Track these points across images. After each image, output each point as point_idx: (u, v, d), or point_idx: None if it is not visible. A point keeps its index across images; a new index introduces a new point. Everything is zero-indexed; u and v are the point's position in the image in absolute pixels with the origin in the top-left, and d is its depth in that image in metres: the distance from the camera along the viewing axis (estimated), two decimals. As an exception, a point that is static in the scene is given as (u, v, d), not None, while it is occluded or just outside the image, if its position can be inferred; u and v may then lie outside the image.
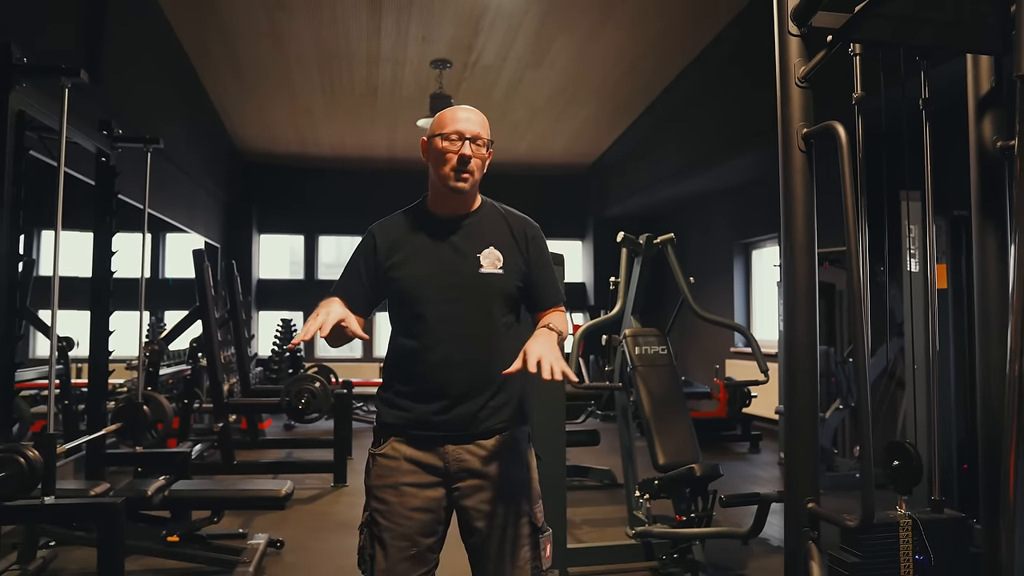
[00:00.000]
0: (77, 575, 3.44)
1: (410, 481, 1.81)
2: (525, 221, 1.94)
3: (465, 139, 1.80)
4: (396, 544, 1.79)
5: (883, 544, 2.00)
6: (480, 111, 1.89)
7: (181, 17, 6.59)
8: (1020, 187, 1.68)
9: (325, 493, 5.13)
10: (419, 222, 1.90)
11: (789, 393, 2.08)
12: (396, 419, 1.83)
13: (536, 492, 1.88)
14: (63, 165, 3.04)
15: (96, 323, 3.92)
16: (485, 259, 1.83)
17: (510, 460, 1.84)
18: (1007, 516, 1.72)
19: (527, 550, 1.82)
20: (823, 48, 2.04)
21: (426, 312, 1.81)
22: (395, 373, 1.87)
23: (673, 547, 3.50)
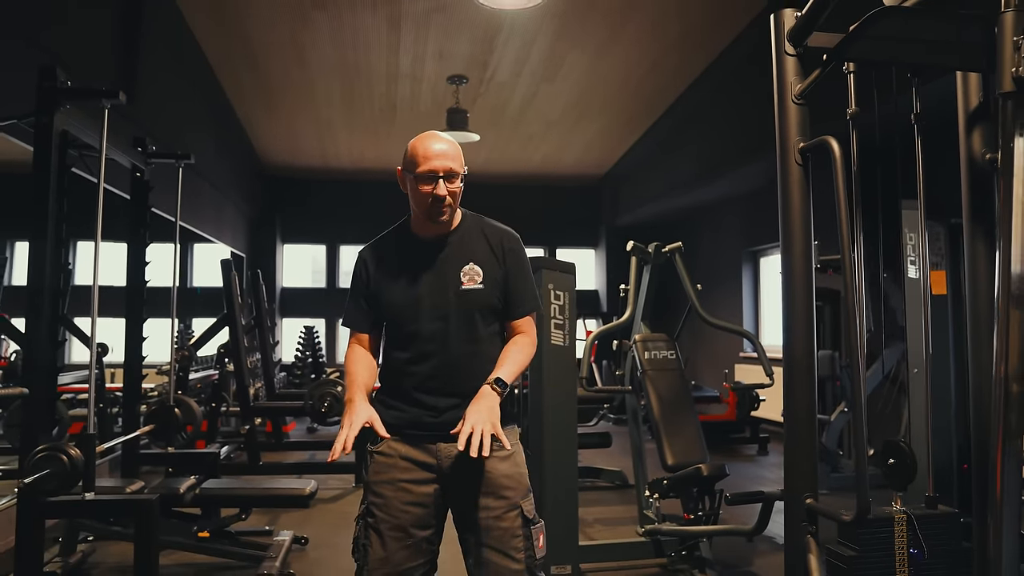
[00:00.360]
0: (114, 568, 3.54)
1: (405, 477, 1.88)
2: (503, 233, 2.01)
3: (439, 178, 1.85)
4: (392, 535, 1.86)
5: (879, 538, 2.05)
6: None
7: (210, 37, 6.74)
8: (1003, 197, 1.74)
9: (347, 493, 5.21)
10: (403, 244, 1.98)
11: (788, 394, 2.14)
12: (392, 419, 1.91)
13: (526, 486, 1.94)
14: (103, 181, 3.15)
15: (131, 330, 4.04)
16: (465, 275, 1.91)
17: (500, 457, 1.90)
18: (994, 512, 1.77)
19: (520, 540, 1.87)
20: (818, 67, 2.11)
21: (413, 329, 1.90)
22: (389, 382, 1.97)
23: (681, 544, 3.55)
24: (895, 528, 2.05)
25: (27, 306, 2.93)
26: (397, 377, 1.93)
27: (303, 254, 11.96)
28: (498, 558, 1.85)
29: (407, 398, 1.91)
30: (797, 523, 2.04)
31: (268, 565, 3.37)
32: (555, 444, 3.27)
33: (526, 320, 1.99)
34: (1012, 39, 1.69)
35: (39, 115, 2.95)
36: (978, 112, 2.14)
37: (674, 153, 8.87)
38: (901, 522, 2.05)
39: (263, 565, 3.37)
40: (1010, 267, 1.74)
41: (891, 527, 2.05)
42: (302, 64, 7.24)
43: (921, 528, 2.05)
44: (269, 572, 3.31)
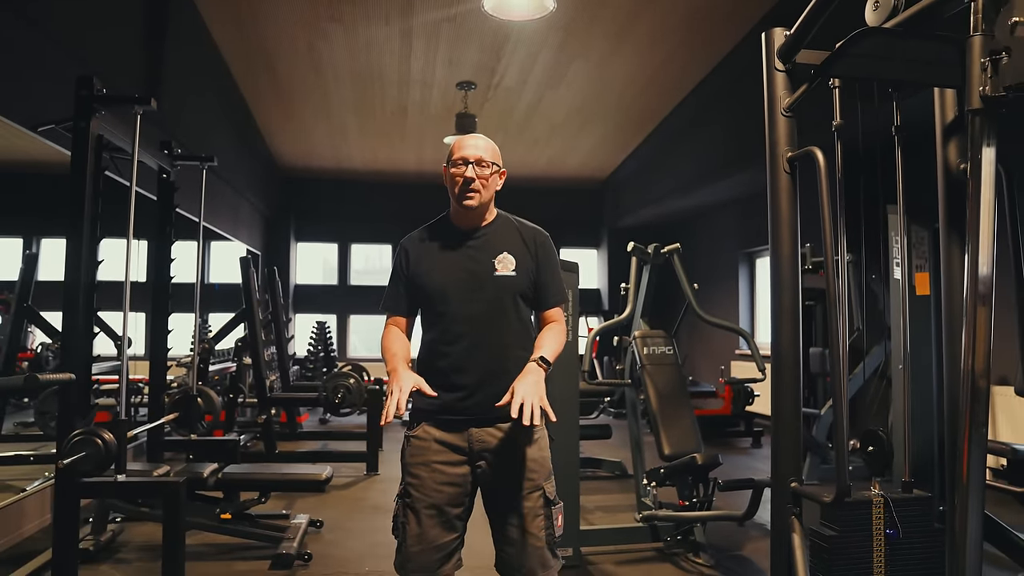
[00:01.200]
0: (141, 547, 3.66)
1: (439, 459, 1.99)
2: (535, 230, 2.13)
3: (469, 163, 2.01)
4: (427, 512, 1.97)
5: (858, 519, 2.15)
6: (490, 137, 2.12)
7: (230, 45, 6.85)
8: (972, 205, 1.84)
9: (359, 480, 5.33)
10: (442, 234, 2.10)
11: (776, 386, 2.24)
12: (427, 405, 2.02)
13: (549, 469, 2.04)
14: (135, 183, 3.27)
15: (156, 324, 4.16)
16: (499, 263, 2.02)
17: (526, 441, 2.01)
18: (962, 495, 1.87)
19: (542, 519, 1.98)
20: (806, 82, 2.21)
21: (449, 311, 2.00)
22: (424, 365, 2.06)
23: (677, 529, 3.66)
24: (873, 510, 2.15)
25: (64, 300, 3.05)
26: (431, 358, 2.03)
27: (315, 252, 12.09)
28: (523, 536, 1.96)
29: (441, 380, 1.99)
30: (783, 505, 2.15)
31: (287, 545, 3.48)
32: (558, 434, 3.37)
33: (556, 310, 2.10)
34: (979, 61, 1.79)
35: (77, 120, 3.07)
36: (953, 125, 2.23)
37: (673, 158, 8.96)
38: (878, 504, 2.15)
39: (282, 545, 3.49)
40: (978, 269, 1.84)
41: (869, 509, 2.15)
42: (317, 71, 7.36)
43: (897, 510, 2.15)
44: (288, 551, 3.42)
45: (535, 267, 2.07)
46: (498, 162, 2.07)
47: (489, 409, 1.96)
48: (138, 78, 5.24)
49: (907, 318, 2.43)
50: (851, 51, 2.07)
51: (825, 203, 2.04)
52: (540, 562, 1.98)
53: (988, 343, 1.84)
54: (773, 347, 2.26)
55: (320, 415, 8.48)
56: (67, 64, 4.05)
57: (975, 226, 1.85)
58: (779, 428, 2.22)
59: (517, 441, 2.01)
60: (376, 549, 3.70)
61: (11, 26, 3.59)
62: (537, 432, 2.04)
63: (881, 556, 2.15)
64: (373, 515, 4.37)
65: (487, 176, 2.03)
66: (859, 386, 5.46)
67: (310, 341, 9.46)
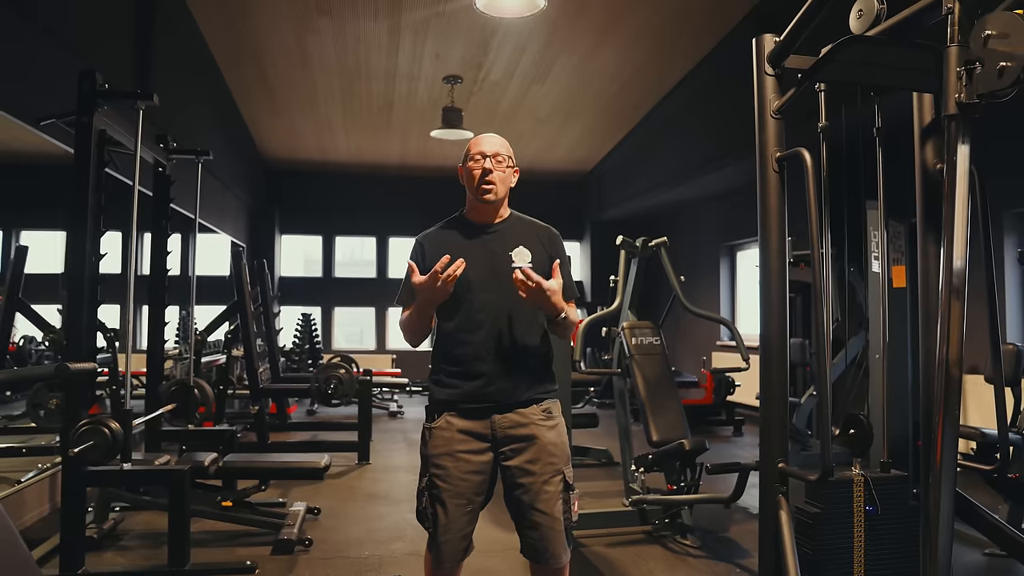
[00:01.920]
0: (142, 534, 3.73)
1: (464, 449, 2.06)
2: (548, 228, 2.25)
3: (486, 157, 2.11)
4: (455, 502, 2.05)
5: (840, 497, 2.29)
6: (475, 131, 2.21)
7: (218, 38, 6.87)
8: (948, 203, 1.98)
9: (351, 470, 5.42)
10: (459, 229, 2.19)
11: (764, 372, 2.37)
12: (448, 396, 2.10)
13: (568, 454, 2.14)
14: (137, 177, 3.33)
15: (153, 316, 4.22)
16: (516, 256, 2.11)
17: (548, 426, 2.10)
18: (935, 474, 2.01)
19: (561, 504, 2.07)
20: (794, 86, 2.34)
21: (467, 300, 2.08)
22: (443, 355, 2.14)
23: (665, 513, 3.80)
24: (853, 488, 2.29)
25: (68, 292, 3.10)
26: (452, 346, 2.10)
27: (296, 244, 12.11)
28: (545, 520, 2.05)
29: (460, 370, 2.08)
30: (771, 484, 2.28)
31: (287, 531, 3.57)
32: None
33: (570, 304, 2.17)
34: (955, 69, 1.91)
35: (80, 115, 3.12)
36: (931, 127, 2.37)
37: (656, 152, 9.11)
38: (859, 483, 2.30)
39: (283, 531, 3.58)
40: (952, 263, 1.98)
41: (850, 488, 2.29)
42: (305, 64, 7.39)
43: (876, 488, 2.29)
44: (289, 537, 3.51)
45: (550, 261, 2.15)
46: (512, 158, 2.17)
47: (510, 395, 2.06)
48: (128, 70, 5.26)
49: (885, 309, 2.57)
50: (836, 57, 2.19)
51: (812, 201, 2.16)
52: (562, 546, 2.08)
53: (961, 334, 1.98)
54: (762, 336, 2.39)
55: (308, 406, 8.54)
56: (62, 57, 4.08)
57: (950, 223, 1.98)
58: (767, 412, 2.35)
59: (539, 425, 2.08)
60: (374, 534, 3.80)
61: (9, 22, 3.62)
62: (556, 418, 2.14)
63: (861, 531, 2.29)
64: (368, 503, 4.47)
65: (503, 170, 2.13)
66: (838, 374, 5.64)
67: (295, 333, 9.49)
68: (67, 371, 2.76)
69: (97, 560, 3.28)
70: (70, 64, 4.07)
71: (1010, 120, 5.12)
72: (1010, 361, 3.52)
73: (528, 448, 2.07)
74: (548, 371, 2.19)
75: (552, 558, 2.07)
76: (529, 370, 2.10)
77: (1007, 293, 5.43)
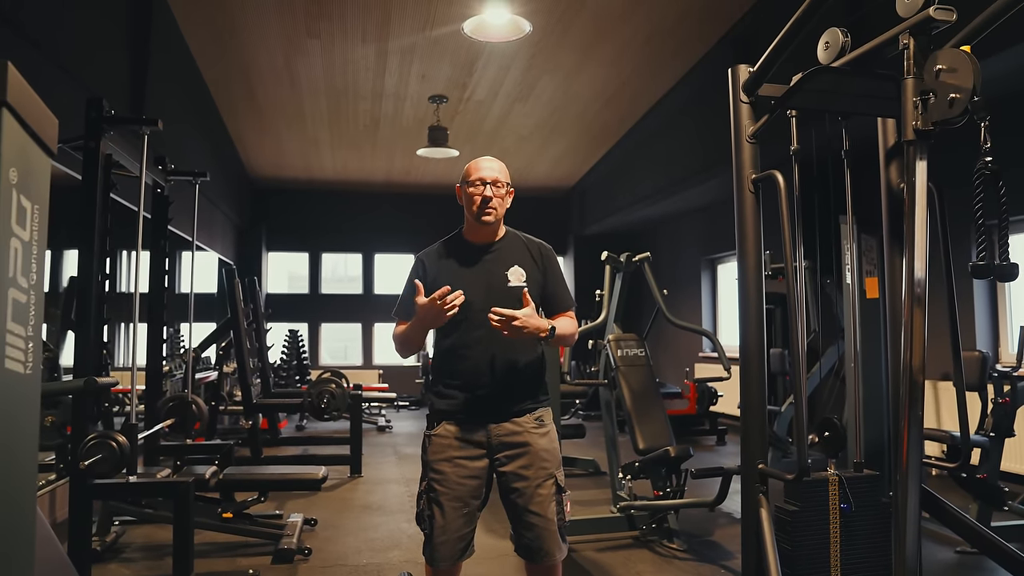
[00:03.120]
0: (143, 547, 3.81)
1: (461, 455, 2.20)
2: (540, 244, 2.39)
3: (486, 183, 2.24)
4: (452, 505, 2.18)
5: (816, 496, 2.44)
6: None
7: (208, 60, 7.00)
8: (908, 220, 2.15)
9: (344, 483, 5.51)
10: (458, 249, 2.33)
11: (744, 379, 2.53)
12: (447, 406, 2.24)
13: (559, 459, 2.28)
14: (143, 198, 3.45)
15: (152, 333, 4.32)
16: (512, 275, 2.25)
17: (540, 434, 2.24)
18: (902, 472, 2.18)
19: (554, 505, 2.21)
20: (767, 112, 2.52)
21: (466, 318, 2.21)
22: (442, 368, 2.28)
23: (652, 518, 3.94)
24: (829, 487, 2.45)
25: (78, 310, 3.22)
26: (451, 361, 2.24)
27: (281, 261, 12.19)
28: (539, 521, 2.18)
29: (459, 382, 2.21)
30: (751, 484, 2.44)
31: (287, 541, 3.67)
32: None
33: (569, 313, 2.32)
34: (912, 99, 2.10)
35: (87, 140, 3.24)
36: (894, 149, 2.56)
37: (636, 169, 9.32)
38: (834, 482, 2.45)
39: (282, 541, 3.68)
40: (914, 274, 2.15)
41: (826, 487, 2.45)
42: (293, 84, 7.53)
43: (850, 487, 2.45)
44: (288, 547, 3.61)
45: (543, 279, 2.30)
46: (509, 182, 2.32)
47: (504, 406, 2.21)
48: (124, 89, 5.37)
49: (858, 320, 2.74)
50: (805, 86, 2.38)
51: (785, 218, 2.34)
52: (556, 545, 2.21)
53: (924, 340, 2.15)
54: (741, 347, 2.55)
55: (297, 422, 8.61)
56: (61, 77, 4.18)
57: (911, 238, 2.16)
58: (747, 417, 2.52)
59: (531, 433, 2.22)
60: (371, 544, 3.91)
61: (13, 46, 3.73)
62: (547, 426, 2.28)
63: (836, 527, 2.45)
64: (363, 513, 4.57)
65: (502, 195, 2.27)
66: (816, 384, 5.84)
67: (283, 349, 9.57)
68: (95, 384, 2.87)
69: (102, 572, 3.36)
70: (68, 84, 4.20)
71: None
72: (976, 367, 3.71)
73: (522, 455, 2.20)
74: (541, 382, 2.33)
75: (547, 556, 2.20)
76: (522, 383, 2.24)
77: (975, 303, 5.65)
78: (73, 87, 4.25)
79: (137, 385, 4.68)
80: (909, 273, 2.16)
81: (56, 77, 4.16)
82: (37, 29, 3.96)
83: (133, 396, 3.30)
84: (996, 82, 4.85)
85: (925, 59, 2.11)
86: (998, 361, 5.50)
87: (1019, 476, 4.77)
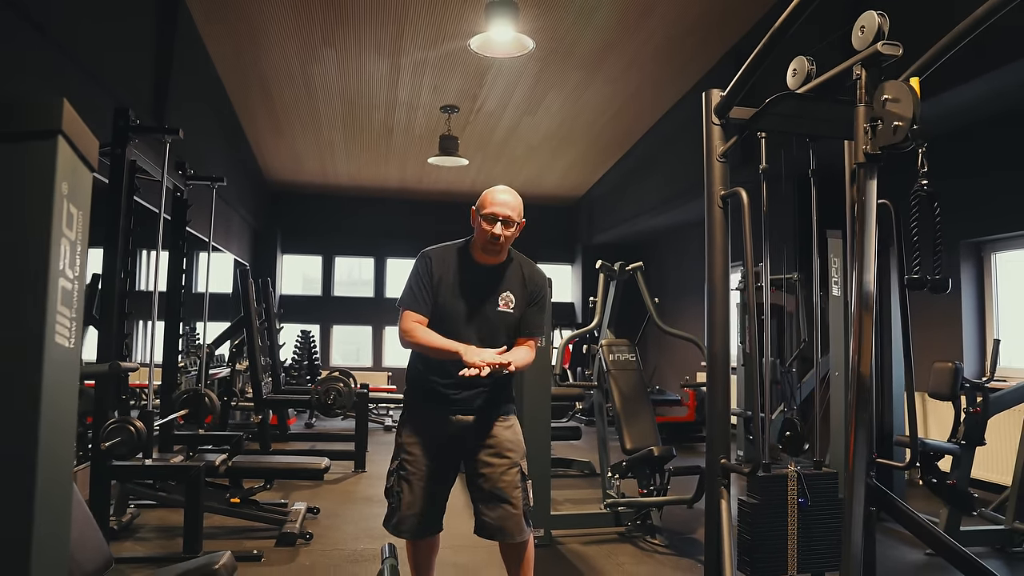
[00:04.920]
0: (156, 528, 4.06)
1: (432, 440, 2.46)
2: (537, 275, 2.57)
3: (498, 220, 2.40)
4: (419, 484, 2.43)
5: (776, 490, 2.63)
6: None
7: (229, 67, 7.30)
8: (859, 236, 2.35)
9: (348, 476, 5.74)
10: (462, 261, 2.50)
11: (711, 383, 2.73)
12: (422, 396, 2.49)
13: (523, 450, 2.51)
14: (164, 203, 3.70)
15: (169, 329, 4.57)
16: (502, 300, 2.47)
17: (504, 426, 2.48)
18: (850, 471, 2.37)
19: (519, 492, 2.44)
20: (736, 134, 2.73)
21: (452, 330, 2.42)
22: (423, 364, 2.50)
23: (636, 514, 4.14)
24: (788, 483, 2.64)
25: (100, 305, 3.47)
26: (432, 363, 2.44)
27: (295, 264, 12.49)
28: (502, 504, 2.41)
29: (436, 376, 2.43)
30: (715, 477, 2.64)
31: (290, 526, 3.90)
32: (532, 428, 3.83)
33: (530, 340, 2.52)
34: (863, 125, 2.30)
35: (114, 147, 3.49)
36: (856, 170, 2.75)
37: (643, 181, 9.52)
38: (792, 478, 2.64)
39: (285, 526, 3.91)
40: (863, 285, 2.34)
41: (785, 482, 2.64)
42: (309, 92, 7.82)
43: (808, 483, 2.64)
44: (291, 531, 3.84)
45: (527, 304, 2.50)
46: (521, 215, 2.47)
47: (472, 402, 2.44)
48: (148, 96, 5.66)
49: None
50: (772, 110, 2.59)
51: (747, 232, 2.55)
52: (518, 527, 2.44)
53: (871, 347, 2.34)
54: (708, 351, 2.76)
55: (307, 419, 8.87)
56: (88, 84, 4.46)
57: (861, 252, 2.35)
58: (712, 416, 2.72)
59: (497, 426, 2.47)
60: (369, 531, 4.13)
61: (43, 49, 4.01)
62: (511, 420, 2.51)
63: (794, 520, 2.64)
64: (364, 505, 4.79)
65: (511, 234, 2.43)
66: (810, 390, 6.01)
67: (295, 349, 9.83)
68: (118, 367, 3.13)
69: (118, 548, 3.60)
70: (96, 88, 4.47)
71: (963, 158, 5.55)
72: (949, 378, 3.88)
73: (488, 445, 2.45)
74: (509, 392, 2.56)
75: (508, 536, 2.43)
76: (492, 391, 2.47)
77: (964, 319, 5.79)
78: (100, 93, 4.53)
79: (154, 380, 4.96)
80: (859, 284, 2.35)
81: (86, 82, 4.43)
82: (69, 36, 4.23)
83: (150, 387, 3.55)
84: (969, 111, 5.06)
85: (875, 89, 2.32)
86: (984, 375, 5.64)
87: (990, 484, 4.91)
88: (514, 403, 2.60)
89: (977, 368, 5.62)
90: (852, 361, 2.35)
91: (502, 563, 2.59)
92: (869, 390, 2.36)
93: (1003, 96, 4.83)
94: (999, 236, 5.52)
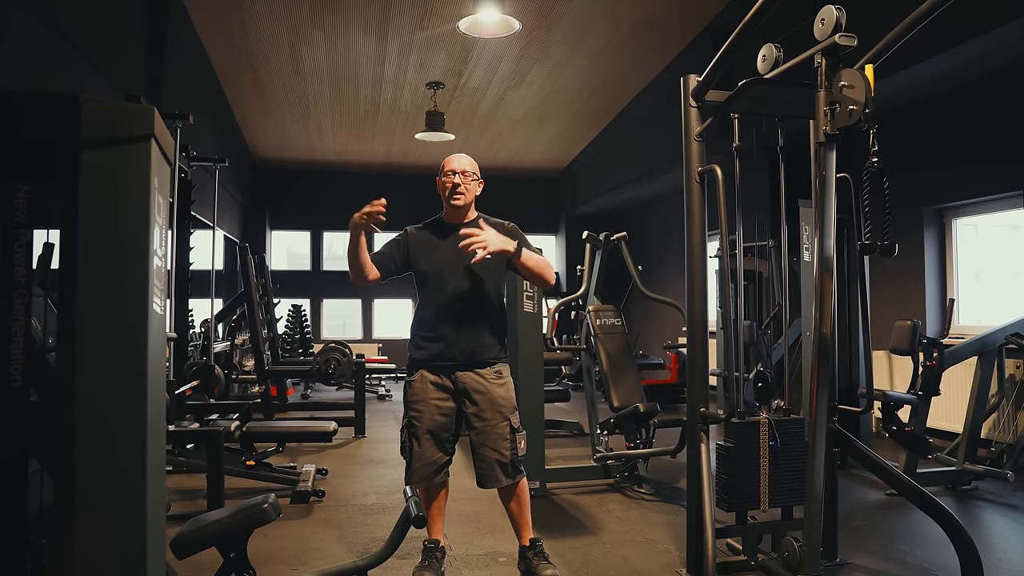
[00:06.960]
0: (175, 491, 4.31)
1: (434, 396, 2.76)
2: (505, 223, 2.88)
3: (456, 173, 2.79)
4: (427, 438, 2.74)
5: (749, 435, 2.94)
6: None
7: (218, 48, 7.41)
8: (818, 208, 2.63)
9: (350, 442, 6.01)
10: (436, 227, 2.87)
11: (690, 338, 3.02)
12: (422, 356, 2.79)
13: (514, 405, 2.80)
14: (177, 187, 3.90)
15: (179, 305, 4.79)
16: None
17: (498, 384, 2.78)
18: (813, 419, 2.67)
19: (508, 442, 2.75)
20: (712, 115, 2.98)
21: (439, 284, 2.75)
22: (419, 325, 2.82)
23: (624, 467, 4.46)
24: (760, 428, 2.95)
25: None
26: (427, 320, 2.76)
27: (280, 240, 12.64)
28: (492, 454, 2.73)
29: (433, 334, 2.73)
30: (695, 424, 2.94)
31: (303, 485, 4.18)
32: (526, 388, 4.13)
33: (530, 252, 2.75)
34: (823, 108, 2.57)
35: (128, 134, 3.68)
36: (819, 146, 3.02)
37: (624, 153, 9.76)
38: (764, 424, 2.95)
39: (299, 486, 4.18)
40: (824, 251, 2.63)
41: (757, 428, 2.95)
42: (297, 71, 7.95)
43: (778, 428, 2.95)
44: (304, 489, 4.12)
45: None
46: (477, 173, 2.84)
47: (469, 358, 2.73)
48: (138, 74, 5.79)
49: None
50: (743, 94, 2.84)
51: (722, 203, 2.82)
52: (504, 473, 2.74)
53: (832, 307, 2.63)
54: (688, 311, 3.04)
55: (303, 391, 9.12)
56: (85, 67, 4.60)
57: (821, 220, 2.63)
58: (692, 368, 3.01)
59: (491, 382, 2.75)
60: (376, 489, 4.42)
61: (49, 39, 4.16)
62: (505, 378, 2.80)
63: (766, 461, 2.95)
64: (368, 466, 5.08)
65: (469, 183, 2.80)
66: (781, 354, 6.32)
67: (287, 324, 10.04)
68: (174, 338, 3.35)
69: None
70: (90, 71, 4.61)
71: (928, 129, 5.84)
72: (908, 335, 4.20)
73: (482, 400, 2.74)
74: (501, 341, 2.86)
75: (498, 481, 2.74)
76: (485, 339, 2.77)
77: (927, 282, 6.14)
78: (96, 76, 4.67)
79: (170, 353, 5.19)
80: (820, 250, 2.64)
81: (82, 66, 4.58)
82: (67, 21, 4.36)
83: (170, 358, 3.78)
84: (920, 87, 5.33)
85: (834, 75, 2.58)
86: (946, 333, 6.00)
87: (944, 432, 5.30)
88: (507, 353, 2.88)
89: (939, 326, 5.97)
90: (815, 318, 2.65)
91: (504, 511, 2.89)
92: (830, 344, 2.66)
93: (964, 70, 5.11)
94: (959, 203, 5.85)
